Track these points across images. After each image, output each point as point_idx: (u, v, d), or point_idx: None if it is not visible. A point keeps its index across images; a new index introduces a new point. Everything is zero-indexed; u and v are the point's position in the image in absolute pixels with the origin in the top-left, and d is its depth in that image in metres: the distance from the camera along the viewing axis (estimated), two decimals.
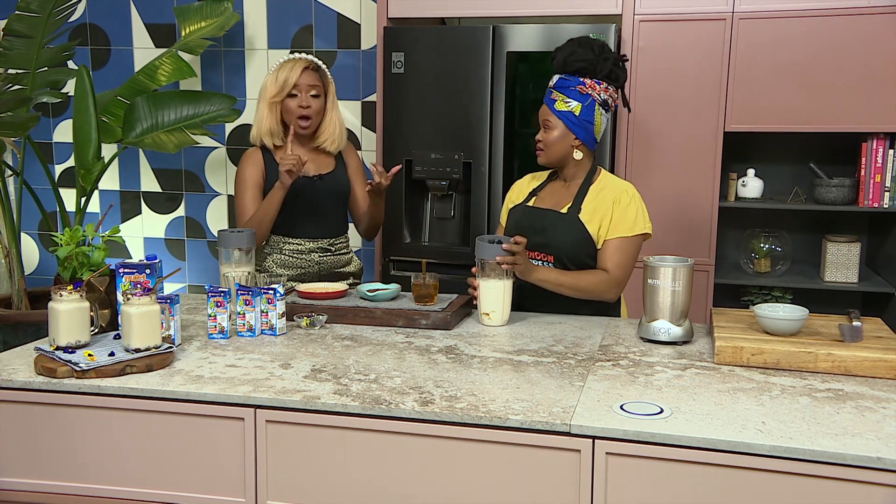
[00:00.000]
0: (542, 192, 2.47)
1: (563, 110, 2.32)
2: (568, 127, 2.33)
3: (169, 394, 1.72)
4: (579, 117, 2.32)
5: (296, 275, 2.70)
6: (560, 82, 2.33)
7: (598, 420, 1.55)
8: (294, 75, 2.60)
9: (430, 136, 3.37)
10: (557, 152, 2.36)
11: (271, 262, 2.70)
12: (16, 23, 3.55)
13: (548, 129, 2.35)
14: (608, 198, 2.34)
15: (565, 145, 2.35)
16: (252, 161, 2.68)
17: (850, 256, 3.28)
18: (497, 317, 2.26)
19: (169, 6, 4.08)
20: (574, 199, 2.36)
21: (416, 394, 1.69)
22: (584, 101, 2.31)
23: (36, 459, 1.81)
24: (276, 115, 2.65)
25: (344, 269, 2.80)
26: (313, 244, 2.72)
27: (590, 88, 2.31)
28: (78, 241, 2.09)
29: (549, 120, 2.34)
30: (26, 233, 4.47)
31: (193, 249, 4.33)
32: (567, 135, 2.34)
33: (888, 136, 3.18)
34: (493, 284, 2.23)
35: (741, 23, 3.14)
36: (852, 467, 1.41)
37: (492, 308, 2.25)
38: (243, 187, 2.67)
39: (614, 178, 2.42)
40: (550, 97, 2.35)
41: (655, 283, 2.05)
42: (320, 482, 1.69)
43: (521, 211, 2.46)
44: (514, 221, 2.46)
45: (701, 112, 3.22)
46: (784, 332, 1.95)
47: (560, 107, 2.32)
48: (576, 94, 2.31)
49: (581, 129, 2.33)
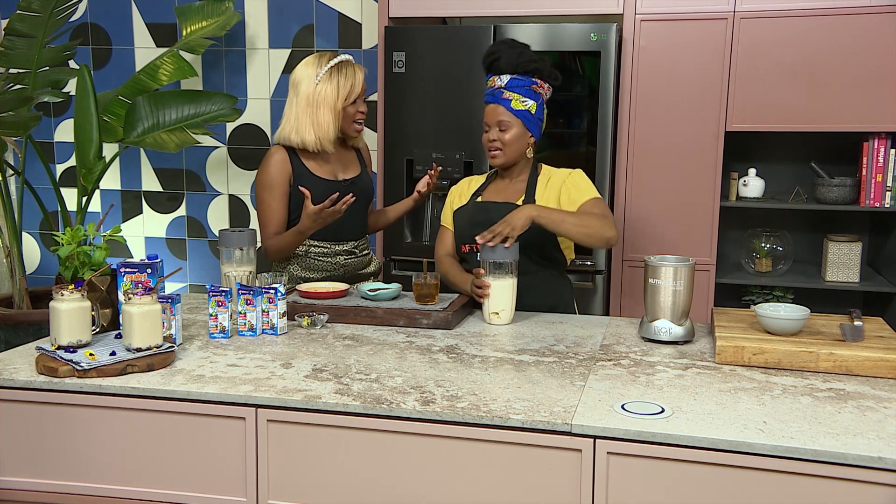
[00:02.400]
0: (486, 192, 2.48)
1: (521, 109, 2.34)
2: (525, 125, 2.35)
3: (170, 393, 1.72)
4: (534, 115, 2.36)
5: (321, 278, 2.63)
6: (513, 82, 2.34)
7: (600, 420, 1.55)
8: (359, 81, 2.56)
9: (431, 136, 3.37)
10: (516, 151, 2.37)
11: (296, 265, 2.63)
12: (17, 22, 3.55)
13: (505, 129, 2.35)
14: (556, 183, 2.39)
15: (523, 144, 2.37)
16: (280, 163, 2.56)
17: (852, 256, 3.27)
18: (506, 315, 2.27)
19: (170, 6, 4.08)
20: (526, 192, 2.39)
21: (417, 393, 1.69)
22: (538, 100, 2.37)
23: (37, 459, 1.81)
24: (340, 120, 2.57)
25: (365, 271, 2.76)
26: (340, 247, 2.66)
27: (540, 88, 2.36)
28: (79, 241, 2.09)
29: (507, 120, 2.34)
30: (27, 232, 4.47)
31: (194, 249, 4.33)
32: (524, 133, 2.36)
33: (889, 136, 3.17)
34: (500, 284, 2.24)
35: (742, 22, 3.13)
36: (854, 467, 1.41)
37: (501, 307, 2.26)
38: (270, 191, 2.55)
39: (557, 169, 2.46)
40: (503, 97, 2.34)
41: (657, 282, 2.05)
42: (321, 481, 1.69)
43: (473, 207, 2.46)
44: (466, 219, 2.45)
45: (702, 111, 3.22)
46: (785, 331, 1.95)
47: (517, 105, 2.33)
48: (531, 93, 2.35)
49: (536, 127, 2.38)
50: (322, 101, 2.53)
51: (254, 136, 4.13)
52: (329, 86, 2.52)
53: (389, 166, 3.43)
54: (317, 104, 2.53)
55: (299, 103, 2.55)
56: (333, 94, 2.53)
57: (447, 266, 2.49)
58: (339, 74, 2.54)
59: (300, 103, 2.54)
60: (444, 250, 2.54)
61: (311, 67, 2.55)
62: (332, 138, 2.55)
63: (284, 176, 2.55)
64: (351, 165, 2.70)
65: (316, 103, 2.53)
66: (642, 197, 3.29)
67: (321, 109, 2.53)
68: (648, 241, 3.32)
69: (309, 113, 2.53)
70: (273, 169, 2.55)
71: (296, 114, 2.55)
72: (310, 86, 2.53)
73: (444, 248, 2.55)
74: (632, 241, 3.34)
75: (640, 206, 3.30)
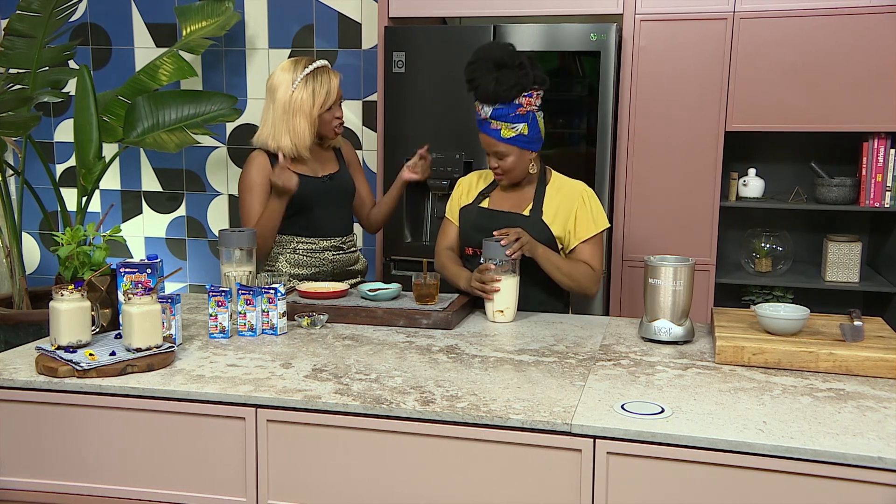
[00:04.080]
0: (493, 194, 2.47)
1: (512, 136, 2.30)
2: (521, 148, 2.32)
3: (170, 393, 1.72)
4: (528, 135, 2.31)
5: (310, 274, 2.67)
6: (497, 112, 2.28)
7: (599, 420, 1.55)
8: (335, 88, 2.58)
9: (431, 136, 3.36)
10: (519, 172, 2.36)
11: (284, 261, 2.67)
12: (17, 22, 3.55)
13: (502, 158, 2.33)
14: (567, 200, 2.37)
15: (524, 162, 2.35)
16: (260, 166, 2.61)
17: (852, 256, 3.27)
18: (510, 313, 2.28)
19: (170, 6, 4.08)
20: (533, 201, 2.38)
21: (416, 393, 1.69)
22: (528, 119, 2.30)
23: (37, 459, 1.81)
24: (317, 127, 2.60)
25: (353, 268, 2.80)
26: (327, 242, 2.70)
27: (527, 105, 2.29)
28: (79, 241, 2.09)
29: (501, 150, 2.31)
30: (27, 232, 4.47)
31: (194, 249, 4.33)
32: (522, 154, 2.33)
33: (889, 136, 3.17)
34: (505, 283, 2.25)
35: (742, 22, 3.13)
36: (853, 467, 1.41)
37: (505, 305, 2.27)
38: (250, 191, 2.61)
39: (567, 178, 2.45)
40: (491, 128, 2.30)
41: (656, 282, 2.05)
42: (321, 481, 1.69)
43: (478, 213, 2.45)
44: (471, 222, 2.45)
45: (702, 111, 3.22)
46: (785, 331, 1.95)
47: (507, 134, 2.29)
48: (517, 117, 2.29)
49: (533, 143, 2.34)
50: (298, 109, 2.56)
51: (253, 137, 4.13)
52: (305, 93, 2.56)
53: (389, 166, 3.42)
54: (293, 111, 2.56)
55: (276, 110, 2.58)
56: (309, 102, 2.56)
57: (445, 259, 2.49)
58: (315, 81, 2.57)
59: (276, 110, 2.58)
60: (445, 243, 2.54)
61: (288, 73, 2.58)
62: (307, 144, 2.60)
63: (265, 178, 2.59)
64: (329, 163, 2.74)
65: (292, 111, 2.56)
66: (642, 197, 3.29)
67: (297, 117, 2.57)
68: (648, 241, 3.32)
69: (285, 120, 2.57)
70: (254, 171, 2.61)
71: (272, 120, 2.59)
72: (286, 92, 2.56)
73: (445, 241, 2.54)
74: (631, 241, 3.34)
75: (639, 206, 3.30)
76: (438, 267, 2.51)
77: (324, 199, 2.68)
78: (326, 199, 2.69)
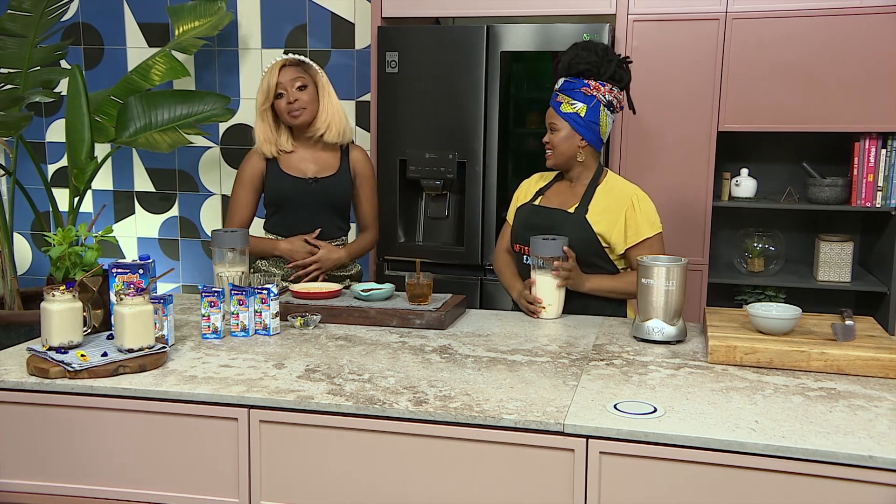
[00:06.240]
0: (548, 192, 2.49)
1: (569, 112, 2.34)
2: (574, 128, 2.35)
3: (162, 394, 1.72)
4: (585, 118, 2.33)
5: (290, 273, 2.68)
6: (565, 85, 2.36)
7: (592, 419, 1.55)
8: (274, 77, 2.60)
9: (425, 136, 3.37)
10: (564, 153, 2.38)
11: (264, 259, 2.71)
12: (8, 22, 3.53)
13: (554, 132, 2.37)
14: (618, 202, 2.36)
15: (572, 146, 2.37)
16: (254, 163, 2.69)
17: (843, 256, 3.29)
18: (553, 310, 2.31)
19: (162, 5, 4.07)
20: (581, 199, 2.38)
21: (409, 393, 1.69)
22: (589, 103, 2.33)
23: (28, 460, 1.80)
24: (268, 122, 2.65)
25: (340, 273, 2.77)
26: None
27: (594, 90, 2.33)
28: (71, 241, 2.09)
29: (555, 122, 2.36)
30: (19, 233, 4.45)
31: (187, 249, 4.32)
32: (573, 136, 2.36)
33: (881, 136, 3.19)
34: (550, 279, 2.28)
35: (734, 23, 3.14)
36: (845, 466, 1.42)
37: (549, 301, 2.30)
38: (240, 186, 2.70)
39: (621, 180, 2.45)
40: (556, 100, 2.38)
41: (649, 282, 2.06)
42: (314, 482, 1.69)
43: (529, 210, 2.47)
44: (521, 220, 2.48)
45: (694, 112, 3.22)
46: (777, 331, 1.95)
47: (566, 109, 2.35)
48: (580, 95, 2.34)
49: (587, 129, 2.35)
50: (256, 110, 2.67)
51: (246, 137, 4.12)
52: (258, 94, 2.65)
53: (382, 166, 3.42)
54: (256, 114, 2.68)
55: None
56: (259, 100, 2.65)
57: (502, 265, 2.55)
58: (262, 79, 2.63)
59: None
60: (502, 245, 2.58)
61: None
62: (274, 140, 2.66)
63: (257, 173, 2.69)
64: (326, 164, 2.72)
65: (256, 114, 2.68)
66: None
67: (256, 118, 2.67)
68: None
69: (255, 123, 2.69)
70: (248, 166, 2.71)
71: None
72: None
73: (503, 243, 2.58)
74: None
75: None
76: (496, 271, 2.58)
77: (302, 201, 2.67)
78: (305, 201, 2.67)
